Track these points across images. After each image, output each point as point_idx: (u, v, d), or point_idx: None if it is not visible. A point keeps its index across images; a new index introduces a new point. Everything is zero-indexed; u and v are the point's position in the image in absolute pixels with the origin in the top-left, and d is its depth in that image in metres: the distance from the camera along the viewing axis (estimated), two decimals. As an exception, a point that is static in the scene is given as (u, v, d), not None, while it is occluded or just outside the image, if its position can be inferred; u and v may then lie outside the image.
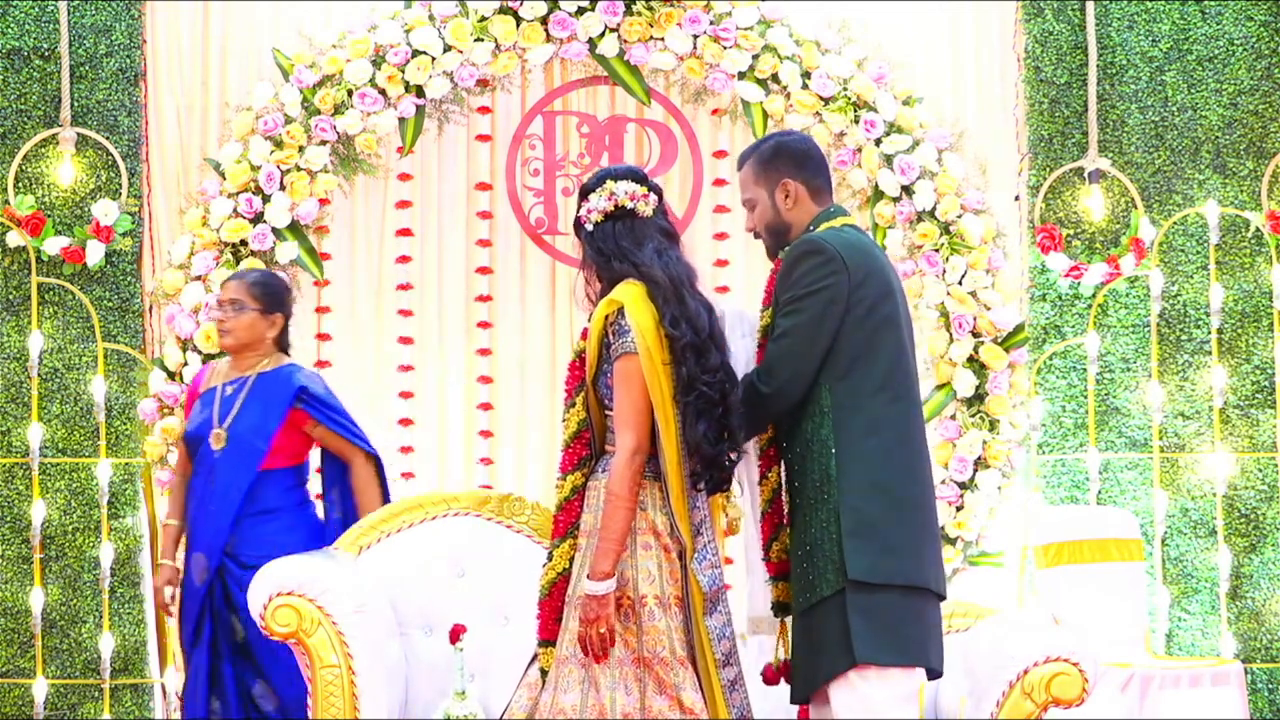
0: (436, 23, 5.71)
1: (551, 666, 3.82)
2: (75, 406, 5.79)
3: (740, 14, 5.76)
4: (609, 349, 3.83)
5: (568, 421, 3.87)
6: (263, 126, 5.66)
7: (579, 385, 3.86)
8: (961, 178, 5.83)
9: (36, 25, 5.86)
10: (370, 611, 4.42)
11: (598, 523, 3.80)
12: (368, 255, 6.09)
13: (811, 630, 3.73)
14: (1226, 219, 6.06)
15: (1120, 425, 6.03)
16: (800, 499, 3.78)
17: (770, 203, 3.92)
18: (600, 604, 3.71)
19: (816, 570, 3.70)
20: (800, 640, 3.78)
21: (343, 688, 4.28)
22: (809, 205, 3.90)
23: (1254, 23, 6.11)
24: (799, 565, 3.76)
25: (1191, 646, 5.95)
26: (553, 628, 3.83)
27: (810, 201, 3.90)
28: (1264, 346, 6.04)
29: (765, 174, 3.92)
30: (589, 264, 3.91)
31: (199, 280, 5.63)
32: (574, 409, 3.86)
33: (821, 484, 3.73)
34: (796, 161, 3.91)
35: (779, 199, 3.91)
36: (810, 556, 3.72)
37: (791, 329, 3.75)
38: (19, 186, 5.82)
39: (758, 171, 3.93)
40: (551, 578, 3.84)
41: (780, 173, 3.91)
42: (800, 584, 3.75)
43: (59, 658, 5.73)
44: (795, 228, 3.91)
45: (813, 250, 3.78)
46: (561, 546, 3.83)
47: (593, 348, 3.84)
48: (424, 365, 6.07)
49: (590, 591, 3.72)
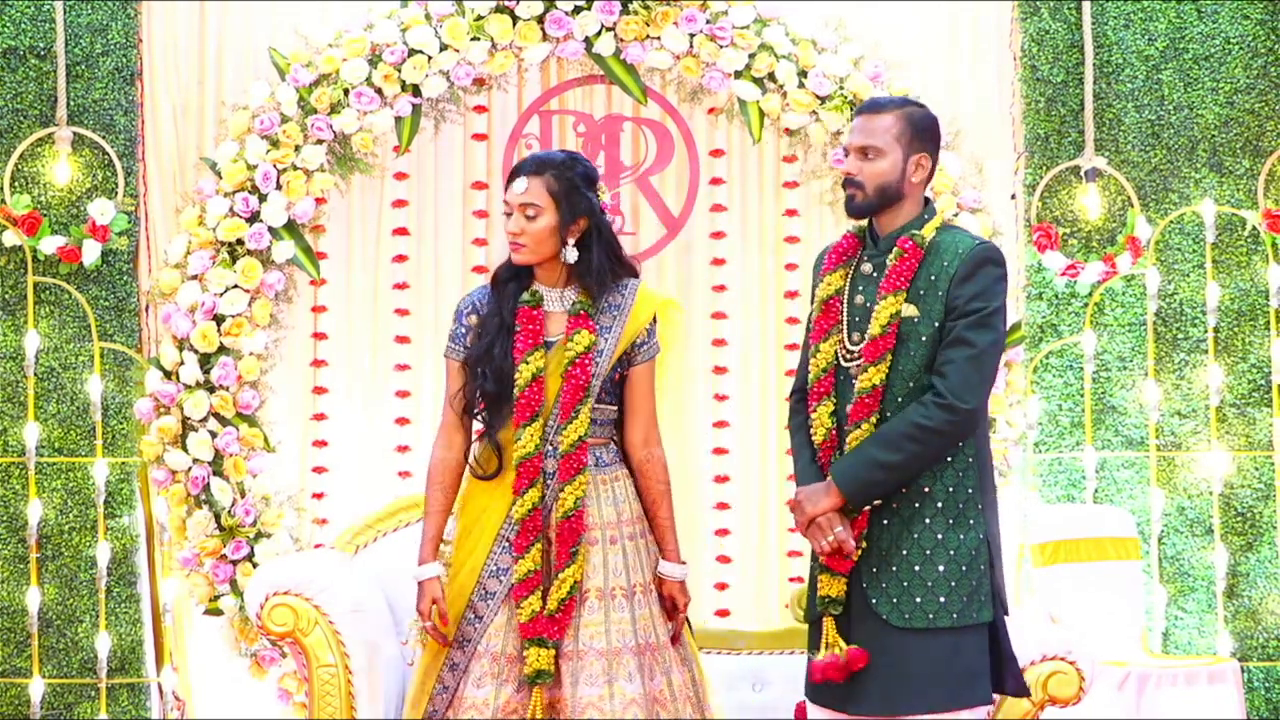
0: (433, 22, 5.70)
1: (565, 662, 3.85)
2: (71, 406, 5.79)
3: (736, 13, 5.76)
4: (642, 346, 3.94)
5: (579, 424, 3.89)
6: (259, 125, 5.65)
7: (592, 382, 3.89)
8: (958, 176, 5.83)
9: (32, 24, 5.85)
10: (367, 611, 4.42)
11: (620, 515, 3.89)
12: (364, 254, 6.09)
13: (941, 651, 3.62)
14: (1223, 217, 6.07)
15: (1117, 424, 6.03)
16: (929, 513, 3.65)
17: (902, 165, 3.72)
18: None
19: (960, 594, 3.62)
20: (921, 657, 3.62)
21: (339, 687, 4.28)
22: (921, 189, 3.76)
23: (1250, 21, 6.11)
24: (935, 581, 3.62)
25: (1188, 645, 5.95)
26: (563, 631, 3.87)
27: (923, 186, 3.77)
28: (1260, 345, 6.04)
29: (913, 136, 3.72)
30: (572, 231, 3.92)
31: (195, 279, 5.62)
32: (585, 409, 3.89)
33: (965, 505, 3.65)
34: (938, 144, 3.79)
35: (911, 167, 3.72)
36: (954, 577, 3.62)
37: (990, 347, 3.62)
38: (15, 186, 5.81)
39: (904, 130, 3.72)
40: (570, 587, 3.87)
41: (924, 144, 3.73)
42: (930, 601, 3.62)
43: (55, 657, 5.73)
44: (904, 202, 3.74)
45: (998, 260, 3.68)
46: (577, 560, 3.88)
47: (627, 341, 3.91)
48: (421, 364, 6.06)
49: (683, 576, 3.98)
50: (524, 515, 3.86)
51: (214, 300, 5.59)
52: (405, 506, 4.84)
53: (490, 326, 3.95)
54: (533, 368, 3.87)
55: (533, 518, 3.86)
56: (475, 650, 3.88)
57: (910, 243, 3.69)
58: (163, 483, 5.61)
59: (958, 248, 3.68)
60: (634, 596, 3.92)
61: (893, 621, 3.62)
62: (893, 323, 3.65)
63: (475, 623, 3.90)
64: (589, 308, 3.92)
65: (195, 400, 5.57)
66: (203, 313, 5.58)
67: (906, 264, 3.68)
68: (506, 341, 3.92)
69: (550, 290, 3.98)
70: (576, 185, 3.92)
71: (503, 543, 3.92)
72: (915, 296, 3.67)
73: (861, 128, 3.75)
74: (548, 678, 3.82)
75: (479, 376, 3.94)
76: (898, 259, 3.69)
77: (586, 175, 3.96)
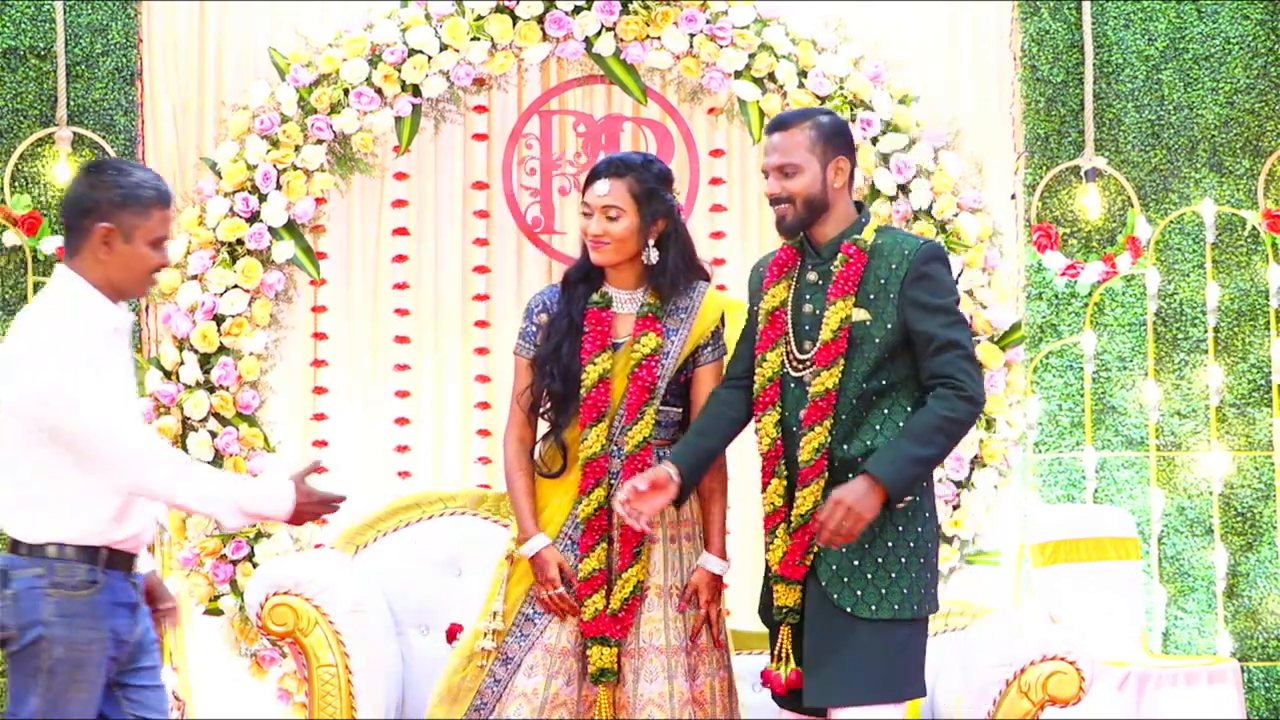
0: (433, 22, 5.70)
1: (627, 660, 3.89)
2: (71, 406, 5.78)
3: (736, 13, 5.76)
4: (707, 348, 4.01)
5: (644, 426, 3.93)
6: (259, 126, 5.65)
7: (657, 385, 3.94)
8: (958, 176, 5.82)
9: (32, 24, 5.86)
10: (367, 610, 4.42)
11: (680, 515, 3.98)
12: (364, 254, 6.09)
13: (886, 644, 3.66)
14: (1223, 217, 6.07)
15: (1117, 424, 6.03)
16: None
17: (821, 175, 3.75)
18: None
19: (919, 587, 3.68)
20: (870, 648, 3.66)
21: (339, 687, 4.28)
22: (846, 192, 3.80)
23: (1250, 21, 6.11)
24: (899, 573, 3.67)
25: (1188, 645, 5.95)
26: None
27: (848, 189, 3.81)
28: (1260, 345, 6.04)
29: (825, 145, 3.75)
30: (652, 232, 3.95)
31: (195, 279, 5.62)
32: (651, 411, 3.94)
33: (921, 498, 3.70)
34: (851, 146, 3.81)
35: (829, 174, 3.76)
36: (914, 569, 3.67)
37: (971, 342, 3.70)
38: (15, 186, 5.82)
39: (816, 139, 3.75)
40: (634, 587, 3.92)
41: (839, 149, 3.77)
42: (874, 595, 3.66)
43: (55, 657, 5.72)
44: (832, 210, 3.78)
45: (944, 256, 3.74)
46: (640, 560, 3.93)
47: (693, 344, 3.98)
48: (421, 364, 6.06)
49: (722, 570, 4.01)
50: (589, 515, 3.92)
51: (214, 300, 5.59)
52: (405, 506, 4.83)
53: (559, 326, 4.00)
54: (600, 369, 3.92)
55: (598, 517, 3.92)
56: (532, 643, 3.93)
57: (854, 248, 3.73)
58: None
59: (903, 249, 3.72)
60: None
61: (858, 613, 3.66)
62: (843, 327, 3.70)
63: (536, 618, 3.96)
64: (658, 310, 3.97)
65: (195, 400, 5.57)
66: (203, 313, 5.58)
67: (853, 269, 3.72)
68: (575, 342, 3.96)
69: (620, 292, 4.02)
70: (656, 187, 3.97)
71: (565, 540, 3.98)
72: (865, 300, 3.71)
73: (775, 147, 3.79)
74: (611, 676, 3.87)
75: (546, 375, 3.99)
76: (843, 265, 3.73)
77: (664, 176, 4.02)
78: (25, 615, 3.36)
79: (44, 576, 3.37)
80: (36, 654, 3.36)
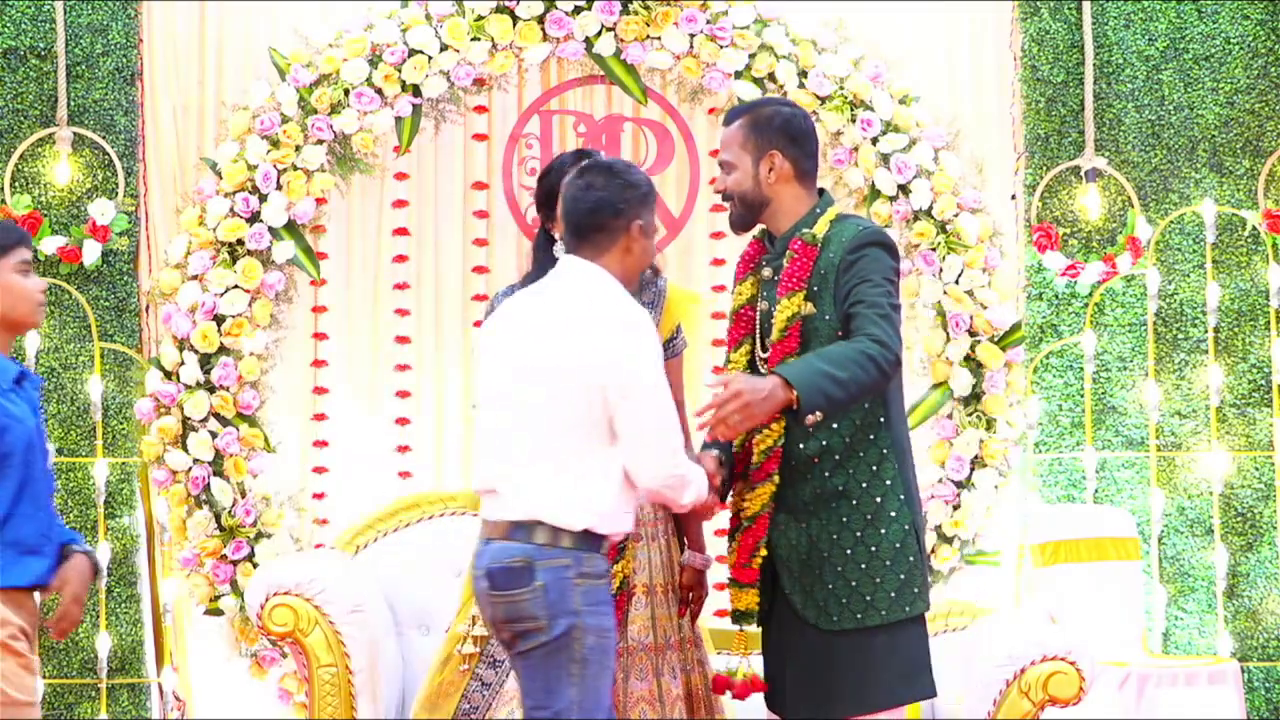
0: (433, 22, 5.70)
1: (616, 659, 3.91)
2: (72, 406, 5.79)
3: (737, 13, 5.76)
4: (673, 341, 4.04)
5: None
6: (259, 126, 5.65)
7: None
8: (958, 176, 5.82)
9: (33, 24, 5.86)
10: (367, 611, 4.43)
11: (655, 512, 4.00)
12: (365, 254, 6.09)
13: (877, 650, 3.59)
14: (1223, 218, 6.07)
15: (1117, 424, 6.03)
16: (845, 511, 3.61)
17: (752, 171, 3.68)
18: None
19: (887, 590, 3.58)
20: (854, 658, 3.60)
21: (339, 687, 4.28)
22: (792, 184, 3.69)
23: (1250, 21, 6.11)
24: (860, 580, 3.59)
25: (1188, 645, 5.95)
26: None
27: (795, 181, 3.69)
28: (1260, 345, 6.04)
29: (755, 140, 3.67)
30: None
31: (195, 280, 5.62)
32: None
33: (884, 499, 3.60)
34: (791, 136, 3.69)
35: (762, 170, 3.67)
36: (879, 573, 3.58)
37: (897, 306, 3.56)
38: (15, 186, 5.81)
39: (747, 135, 3.68)
40: None
41: (771, 143, 3.67)
42: (857, 601, 3.59)
43: (56, 657, 5.72)
44: (775, 204, 3.69)
45: (882, 241, 3.61)
46: None
47: (668, 329, 4.03)
48: (421, 364, 6.06)
49: (704, 566, 4.05)
50: None
51: (214, 300, 5.59)
52: (405, 506, 4.84)
53: None
54: None
55: None
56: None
57: (800, 242, 3.65)
58: (163, 483, 5.60)
59: (843, 237, 3.63)
60: (669, 593, 4.00)
61: (821, 625, 3.60)
62: (792, 324, 3.62)
63: None
64: None
65: (195, 400, 5.57)
66: (203, 313, 5.58)
67: (799, 264, 3.64)
68: None
69: None
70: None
71: None
72: (812, 294, 3.63)
73: (721, 141, 3.76)
74: None
75: None
76: (789, 260, 3.65)
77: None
78: (557, 606, 3.38)
79: (571, 567, 3.40)
80: (569, 644, 3.38)
